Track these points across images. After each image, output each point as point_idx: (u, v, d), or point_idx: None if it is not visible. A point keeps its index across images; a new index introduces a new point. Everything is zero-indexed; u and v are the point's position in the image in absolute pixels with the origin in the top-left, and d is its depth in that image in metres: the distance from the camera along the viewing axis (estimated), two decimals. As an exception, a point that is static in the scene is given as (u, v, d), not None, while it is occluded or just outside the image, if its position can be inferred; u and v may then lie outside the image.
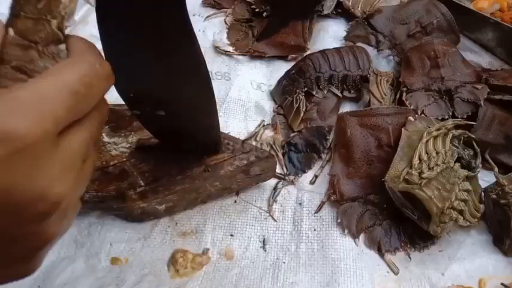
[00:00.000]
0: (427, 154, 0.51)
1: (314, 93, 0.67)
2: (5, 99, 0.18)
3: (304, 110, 0.65)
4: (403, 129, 0.56)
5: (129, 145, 0.52)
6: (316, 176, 0.60)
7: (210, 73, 0.39)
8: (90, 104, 0.23)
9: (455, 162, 0.53)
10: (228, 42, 0.80)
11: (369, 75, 0.67)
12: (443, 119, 0.61)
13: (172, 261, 0.51)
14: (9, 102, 0.18)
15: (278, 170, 0.60)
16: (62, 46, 0.25)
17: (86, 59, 0.23)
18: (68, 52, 0.25)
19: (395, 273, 0.51)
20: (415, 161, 0.51)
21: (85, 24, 0.80)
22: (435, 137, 0.54)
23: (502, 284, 0.49)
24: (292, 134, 0.64)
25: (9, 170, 0.18)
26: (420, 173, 0.49)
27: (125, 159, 0.51)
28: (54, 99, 0.20)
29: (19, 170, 0.18)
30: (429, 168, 0.50)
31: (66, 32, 0.25)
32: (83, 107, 0.22)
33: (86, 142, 0.23)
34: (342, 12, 0.83)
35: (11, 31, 0.24)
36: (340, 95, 0.68)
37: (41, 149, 0.19)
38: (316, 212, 0.56)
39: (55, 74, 0.21)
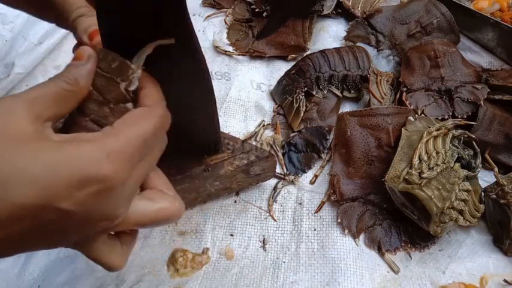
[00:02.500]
0: (427, 154, 0.51)
1: (314, 93, 0.67)
2: (99, 145, 0.24)
3: (304, 110, 0.65)
4: (403, 129, 0.57)
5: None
6: (316, 176, 0.60)
7: (210, 73, 0.39)
8: (156, 146, 0.29)
9: (455, 162, 0.53)
10: (228, 42, 0.80)
11: (369, 75, 0.67)
12: (443, 119, 0.61)
13: (172, 260, 0.51)
14: (102, 148, 0.24)
15: (278, 170, 0.60)
16: (129, 104, 0.28)
17: (157, 111, 0.28)
18: (142, 99, 0.29)
19: (396, 273, 0.51)
20: (415, 161, 0.51)
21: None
22: (435, 137, 0.54)
23: (505, 280, 0.49)
24: (292, 134, 0.64)
25: (95, 201, 0.23)
26: (420, 173, 0.49)
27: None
28: (133, 147, 0.25)
29: (101, 200, 0.24)
30: (429, 168, 0.50)
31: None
32: (151, 149, 0.28)
33: (146, 174, 0.29)
34: (342, 12, 0.83)
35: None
36: (340, 95, 0.68)
37: (119, 186, 0.24)
38: (316, 212, 0.56)
39: (134, 124, 0.26)
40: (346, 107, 0.69)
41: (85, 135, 0.25)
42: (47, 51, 0.74)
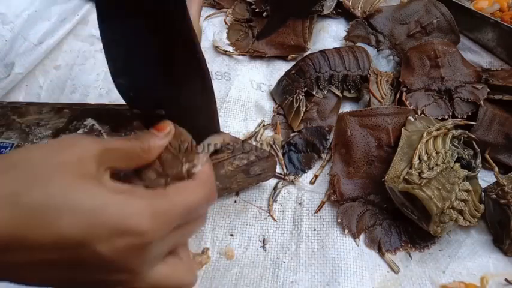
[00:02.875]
0: (427, 154, 0.51)
1: (314, 93, 0.67)
2: (147, 202, 0.25)
3: (304, 110, 0.65)
4: (403, 129, 0.57)
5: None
6: (316, 176, 0.60)
7: (210, 73, 0.39)
8: (195, 218, 0.30)
9: (455, 162, 0.53)
10: (228, 42, 0.80)
11: (369, 75, 0.67)
12: (443, 119, 0.61)
13: (172, 261, 0.51)
14: (149, 206, 0.25)
15: (278, 170, 0.60)
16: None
17: (207, 188, 0.30)
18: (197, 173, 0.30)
19: (396, 272, 0.51)
20: (415, 161, 0.51)
21: (85, 24, 0.79)
22: (435, 137, 0.54)
23: (506, 279, 0.49)
24: (292, 134, 0.64)
25: (127, 251, 0.24)
26: (420, 173, 0.49)
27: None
28: (177, 213, 0.27)
29: (132, 252, 0.25)
30: (429, 168, 0.50)
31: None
32: (191, 220, 0.29)
33: (178, 242, 0.30)
34: (342, 12, 0.83)
35: None
36: (340, 95, 0.68)
37: (152, 244, 0.25)
38: (316, 212, 0.56)
39: (184, 193, 0.28)
40: (346, 107, 0.69)
41: (138, 190, 0.27)
42: (47, 51, 0.74)
